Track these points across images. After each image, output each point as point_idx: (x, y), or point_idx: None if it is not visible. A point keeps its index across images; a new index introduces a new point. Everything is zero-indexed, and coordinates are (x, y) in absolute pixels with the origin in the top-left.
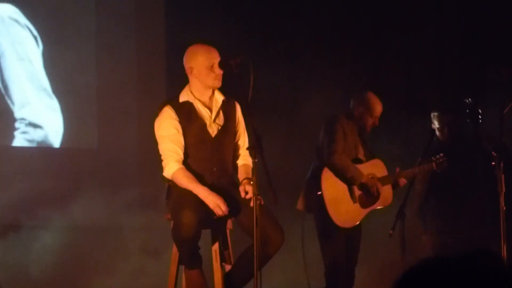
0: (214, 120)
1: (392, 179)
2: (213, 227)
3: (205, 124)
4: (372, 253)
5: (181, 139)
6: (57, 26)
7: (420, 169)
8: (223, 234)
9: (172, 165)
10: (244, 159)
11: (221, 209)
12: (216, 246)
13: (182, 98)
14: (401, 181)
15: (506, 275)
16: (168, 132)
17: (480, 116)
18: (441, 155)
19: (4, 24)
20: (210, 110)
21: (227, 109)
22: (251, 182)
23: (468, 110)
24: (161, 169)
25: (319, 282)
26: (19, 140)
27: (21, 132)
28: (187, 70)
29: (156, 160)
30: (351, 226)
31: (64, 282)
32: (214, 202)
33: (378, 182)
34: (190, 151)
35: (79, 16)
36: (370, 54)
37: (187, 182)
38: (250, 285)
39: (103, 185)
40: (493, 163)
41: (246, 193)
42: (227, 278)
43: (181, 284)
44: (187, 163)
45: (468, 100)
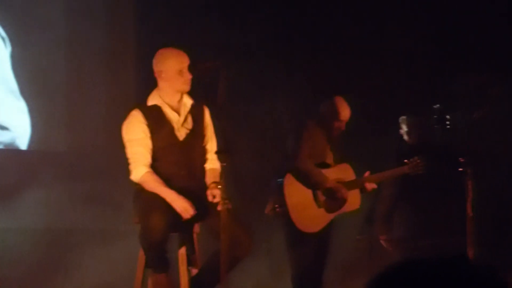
0: (182, 124)
1: (359, 184)
2: (181, 230)
3: (173, 128)
4: (340, 258)
5: (149, 143)
6: (26, 27)
7: (391, 172)
8: (190, 238)
9: (140, 168)
10: (212, 163)
11: (188, 212)
12: (183, 250)
13: (151, 101)
14: (369, 185)
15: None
16: (136, 136)
17: (448, 122)
18: (415, 158)
19: None
20: (179, 114)
21: (195, 113)
22: (219, 186)
23: (436, 116)
24: (129, 173)
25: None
26: None
27: None
28: (156, 73)
29: (124, 164)
30: (316, 231)
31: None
32: (181, 205)
33: (343, 186)
34: (158, 155)
35: (48, 18)
36: (341, 59)
37: (155, 186)
38: None
39: (71, 187)
40: (461, 169)
41: (214, 197)
42: (193, 282)
43: None
44: (155, 166)
45: (436, 106)
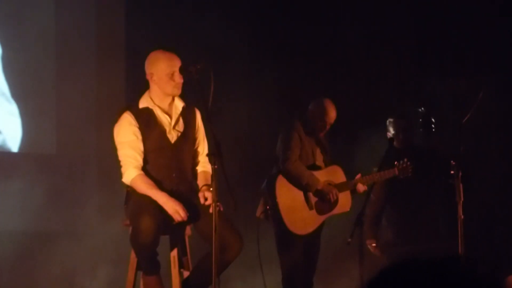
0: (173, 127)
1: (350, 186)
2: (172, 233)
3: (164, 130)
4: (330, 260)
5: (140, 146)
6: (16, 29)
7: (381, 174)
8: (181, 240)
9: (131, 171)
10: (204, 166)
11: (180, 215)
12: (174, 252)
13: (142, 104)
14: (359, 187)
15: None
16: (127, 139)
17: (433, 125)
18: (405, 160)
19: None
20: (170, 117)
21: (187, 115)
22: (211, 189)
23: (421, 119)
24: (120, 175)
25: None
26: None
27: None
28: (148, 75)
29: (115, 166)
30: (307, 233)
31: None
32: (173, 208)
33: (334, 188)
34: (150, 158)
35: (39, 20)
36: (331, 60)
37: (146, 188)
38: None
39: (61, 190)
40: (452, 171)
41: (206, 199)
42: (185, 284)
43: None
44: (146, 169)
45: (421, 109)
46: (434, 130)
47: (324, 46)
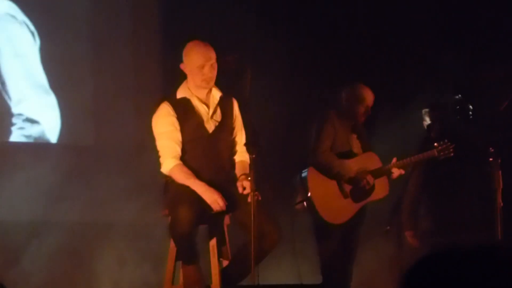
0: (211, 117)
1: (386, 171)
2: (211, 222)
3: (202, 120)
4: (369, 249)
5: (179, 136)
6: (54, 21)
7: (419, 157)
8: (220, 230)
9: (169, 161)
10: (242, 155)
11: (218, 204)
12: (213, 242)
13: (180, 94)
14: (396, 172)
15: None
16: (166, 129)
17: (470, 112)
18: (445, 141)
19: (1, 20)
20: (208, 107)
21: (224, 105)
22: (249, 178)
23: (458, 106)
24: (158, 165)
25: (315, 279)
26: (16, 136)
27: (18, 128)
28: (182, 66)
29: (153, 156)
30: (344, 222)
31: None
32: (211, 197)
33: (368, 174)
34: (188, 148)
35: (76, 12)
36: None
37: (185, 178)
38: (246, 281)
39: (100, 181)
40: (490, 159)
41: (244, 188)
42: (224, 273)
43: (179, 280)
44: (184, 159)
45: (458, 96)
46: (471, 117)
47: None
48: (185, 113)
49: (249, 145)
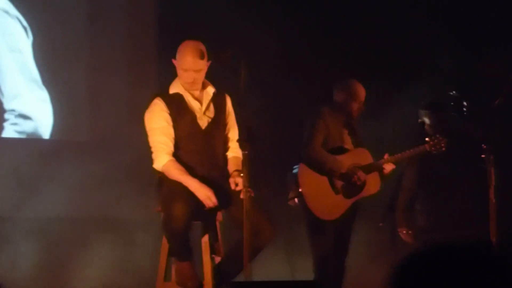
0: (204, 113)
1: (378, 167)
2: (204, 219)
3: (195, 116)
4: (362, 244)
5: (172, 132)
6: (48, 17)
7: (410, 152)
8: (213, 226)
9: (162, 157)
10: (234, 151)
11: (211, 201)
12: (206, 238)
13: (172, 89)
14: (387, 167)
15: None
16: (159, 125)
17: (465, 109)
18: (437, 136)
19: None
20: (201, 103)
21: (217, 101)
22: (241, 174)
23: (452, 103)
24: (151, 161)
25: (307, 275)
26: (9, 131)
27: (11, 124)
28: (175, 61)
29: (146, 152)
30: (336, 218)
31: (55, 271)
32: (204, 194)
33: (359, 170)
34: (181, 144)
35: (70, 7)
36: (358, 45)
37: (178, 174)
38: (239, 277)
39: (93, 177)
40: (483, 155)
41: (236, 185)
42: (217, 270)
43: (171, 276)
44: (177, 155)
45: (452, 93)
46: (466, 113)
47: (358, 30)
48: (178, 109)
49: (242, 141)
